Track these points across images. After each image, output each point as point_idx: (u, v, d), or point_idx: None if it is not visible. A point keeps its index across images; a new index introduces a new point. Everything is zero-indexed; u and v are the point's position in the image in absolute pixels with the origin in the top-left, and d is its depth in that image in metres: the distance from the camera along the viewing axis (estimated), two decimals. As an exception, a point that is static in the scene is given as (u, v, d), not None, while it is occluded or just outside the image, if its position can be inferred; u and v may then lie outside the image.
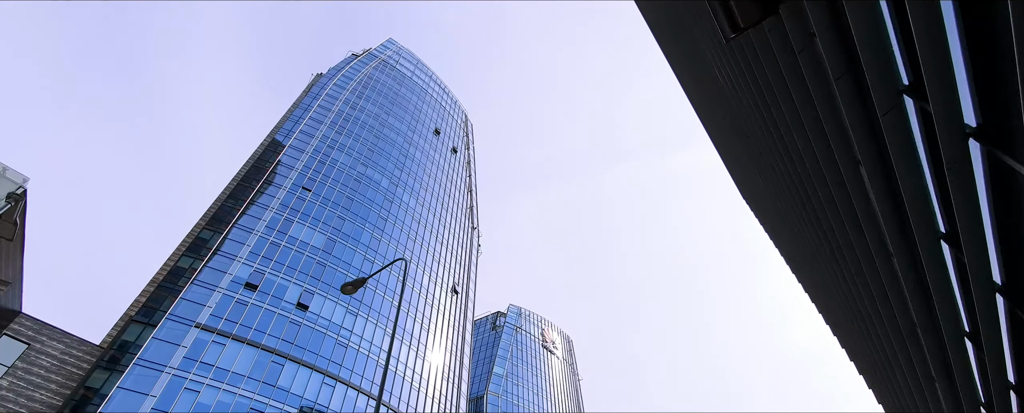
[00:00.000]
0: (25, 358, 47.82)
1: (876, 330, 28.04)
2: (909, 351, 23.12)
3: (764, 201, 40.25)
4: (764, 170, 34.60)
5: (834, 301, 35.70)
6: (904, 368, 25.57)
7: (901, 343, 24.71)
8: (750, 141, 33.93)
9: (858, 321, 30.80)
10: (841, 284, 30.36)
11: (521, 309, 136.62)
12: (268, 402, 44.02)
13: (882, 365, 30.71)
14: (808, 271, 39.36)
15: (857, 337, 34.25)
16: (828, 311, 40.36)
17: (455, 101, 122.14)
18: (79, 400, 42.01)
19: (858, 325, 31.49)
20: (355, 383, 52.13)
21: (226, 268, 50.83)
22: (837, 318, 37.62)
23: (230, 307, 48.13)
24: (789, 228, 36.88)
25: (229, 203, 60.09)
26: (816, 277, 37.05)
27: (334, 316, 54.89)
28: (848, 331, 36.52)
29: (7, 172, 38.40)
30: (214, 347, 44.58)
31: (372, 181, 75.03)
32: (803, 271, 40.95)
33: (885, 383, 32.79)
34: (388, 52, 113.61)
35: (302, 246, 58.08)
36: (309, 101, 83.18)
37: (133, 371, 40.58)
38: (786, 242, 41.21)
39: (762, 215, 45.40)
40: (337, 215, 65.07)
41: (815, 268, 35.65)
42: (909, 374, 25.23)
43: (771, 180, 33.71)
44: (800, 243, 36.10)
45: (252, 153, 70.69)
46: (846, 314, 33.52)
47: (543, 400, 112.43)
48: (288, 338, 49.41)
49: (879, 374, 33.35)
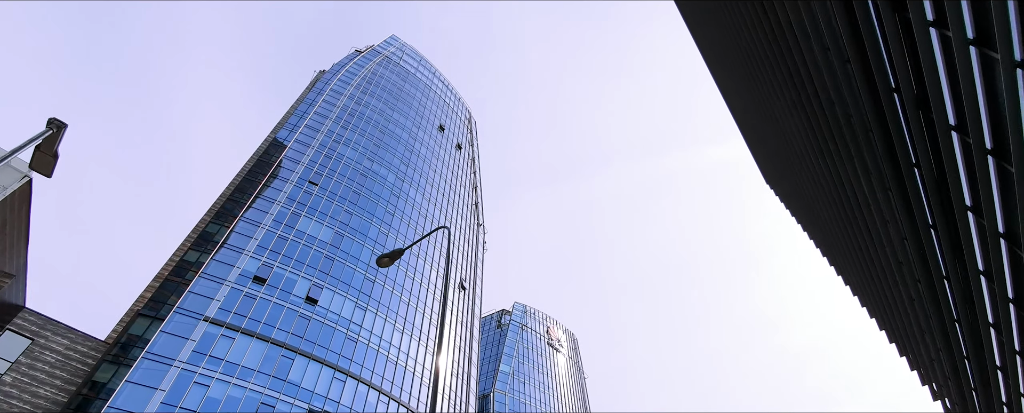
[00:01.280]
0: (29, 353, 46.86)
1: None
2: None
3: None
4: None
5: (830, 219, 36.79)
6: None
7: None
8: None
9: (851, 228, 31.83)
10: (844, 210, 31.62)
11: (526, 307, 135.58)
12: (279, 397, 43.06)
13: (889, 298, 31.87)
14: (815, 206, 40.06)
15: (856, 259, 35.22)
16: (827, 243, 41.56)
17: (458, 98, 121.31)
18: (85, 395, 41.03)
19: (852, 233, 32.36)
20: (366, 378, 51.20)
21: (234, 262, 49.88)
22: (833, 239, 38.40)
23: (239, 301, 47.18)
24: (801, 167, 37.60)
25: (235, 197, 59.17)
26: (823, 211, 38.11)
27: (343, 310, 53.95)
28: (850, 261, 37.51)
29: (12, 161, 37.48)
30: (223, 341, 43.62)
31: (378, 176, 74.14)
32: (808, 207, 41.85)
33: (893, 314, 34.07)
34: (391, 49, 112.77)
35: (310, 240, 57.16)
36: (313, 96, 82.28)
37: (141, 364, 39.61)
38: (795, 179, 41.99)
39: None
40: (344, 209, 64.17)
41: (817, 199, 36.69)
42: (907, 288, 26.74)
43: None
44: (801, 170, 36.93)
45: (256, 148, 69.79)
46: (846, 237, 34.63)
47: (550, 398, 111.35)
48: (297, 332, 48.45)
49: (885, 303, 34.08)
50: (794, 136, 34.83)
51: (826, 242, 41.88)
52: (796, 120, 32.23)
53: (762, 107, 39.15)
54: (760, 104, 39.35)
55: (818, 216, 39.67)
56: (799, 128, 32.51)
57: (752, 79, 37.83)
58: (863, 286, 37.43)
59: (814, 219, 41.72)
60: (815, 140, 30.48)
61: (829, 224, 37.10)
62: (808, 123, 30.39)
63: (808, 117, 29.90)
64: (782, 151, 40.92)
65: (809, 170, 35.30)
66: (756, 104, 41.35)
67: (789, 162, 40.31)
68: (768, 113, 38.80)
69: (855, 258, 35.07)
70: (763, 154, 48.17)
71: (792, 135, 35.49)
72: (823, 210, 36.98)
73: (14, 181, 36.36)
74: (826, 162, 30.45)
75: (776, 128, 38.76)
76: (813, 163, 33.42)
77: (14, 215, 38.48)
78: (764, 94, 36.64)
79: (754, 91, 39.25)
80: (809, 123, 30.38)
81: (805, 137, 32.34)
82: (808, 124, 30.43)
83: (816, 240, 45.57)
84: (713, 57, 46.10)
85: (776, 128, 38.76)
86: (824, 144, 28.86)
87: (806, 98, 28.44)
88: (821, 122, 27.32)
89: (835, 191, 31.68)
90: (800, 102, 29.87)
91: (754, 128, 46.63)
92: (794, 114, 32.05)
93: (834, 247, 40.02)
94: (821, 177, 33.11)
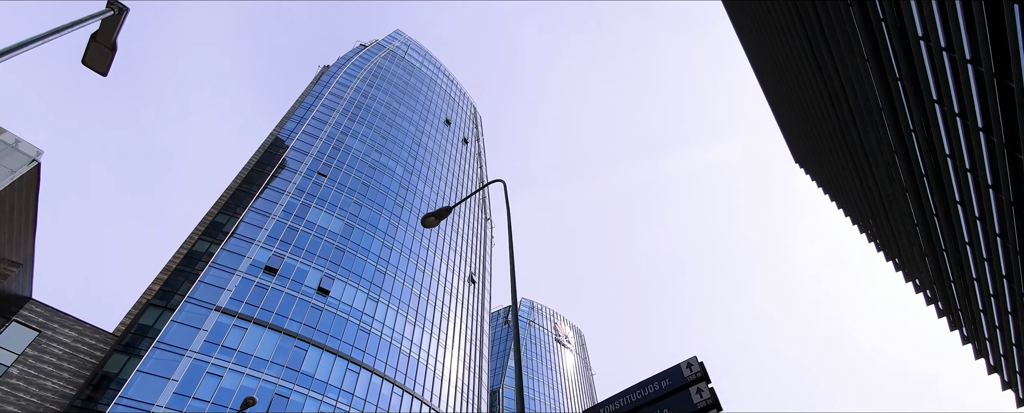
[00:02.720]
0: (36, 346, 45.84)
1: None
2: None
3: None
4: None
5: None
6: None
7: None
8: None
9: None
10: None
11: (533, 302, 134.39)
12: (293, 387, 42.02)
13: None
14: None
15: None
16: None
17: (463, 93, 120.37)
18: (96, 385, 40.01)
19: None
20: (379, 369, 50.16)
21: (244, 252, 48.86)
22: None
23: (250, 291, 46.15)
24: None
25: (244, 188, 58.17)
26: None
27: (355, 302, 52.93)
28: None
29: (20, 145, 36.49)
30: (236, 331, 42.58)
31: (387, 168, 73.16)
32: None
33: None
34: (396, 43, 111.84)
35: (320, 231, 56.15)
36: (320, 89, 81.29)
37: (153, 354, 38.56)
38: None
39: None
40: (354, 201, 63.17)
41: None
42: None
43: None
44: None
45: (263, 141, 68.82)
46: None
47: (558, 394, 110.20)
48: (310, 323, 47.43)
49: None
50: (817, 107, 36.11)
51: (848, 201, 43.37)
52: (819, 94, 33.02)
53: (791, 90, 40.33)
54: (790, 87, 40.47)
55: (842, 179, 41.15)
56: (819, 96, 33.32)
57: (784, 68, 39.08)
58: (886, 240, 38.61)
59: (838, 183, 43.19)
60: (834, 109, 31.29)
61: (850, 181, 38.67)
62: (826, 90, 31.32)
63: (826, 85, 30.82)
64: (807, 126, 42.21)
65: (829, 132, 36.72)
66: (787, 89, 42.35)
67: (814, 135, 41.57)
68: (797, 95, 39.99)
69: (870, 207, 36.65)
70: (793, 133, 49.69)
71: (816, 107, 36.53)
72: (846, 172, 38.52)
73: (22, 165, 35.33)
74: (838, 114, 31.88)
75: (803, 104, 39.80)
76: (831, 123, 34.73)
77: (22, 200, 37.45)
78: (793, 78, 37.71)
79: (786, 79, 40.38)
80: (827, 89, 31.35)
81: (827, 106, 33.34)
82: (826, 91, 31.41)
83: (838, 200, 46.89)
84: (755, 53, 47.81)
85: (803, 104, 39.80)
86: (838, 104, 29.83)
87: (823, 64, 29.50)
88: (837, 87, 28.29)
89: (845, 142, 32.92)
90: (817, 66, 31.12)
91: (785, 110, 47.94)
92: (815, 82, 32.94)
93: (854, 204, 41.47)
94: (834, 133, 34.81)
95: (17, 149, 35.42)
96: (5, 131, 35.38)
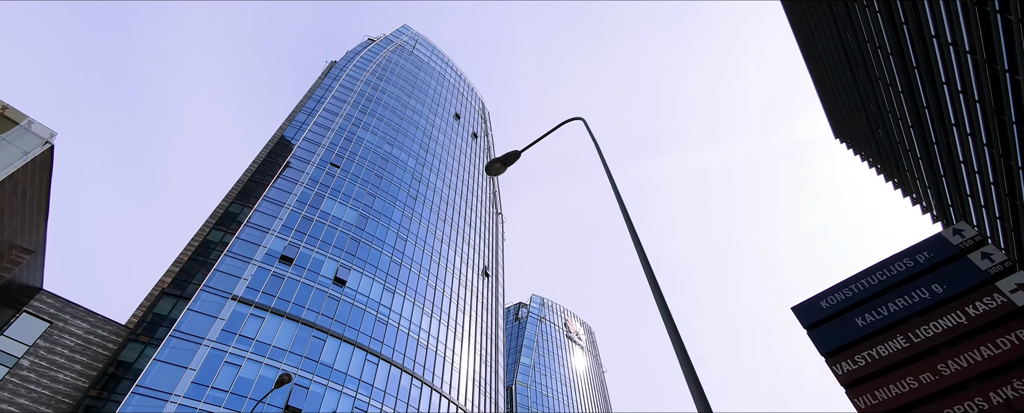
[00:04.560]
0: (48, 337, 44.74)
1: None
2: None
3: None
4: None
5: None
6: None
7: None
8: None
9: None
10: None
11: (544, 299, 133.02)
12: (312, 378, 40.82)
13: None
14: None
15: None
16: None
17: (471, 88, 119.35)
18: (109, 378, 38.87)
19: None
20: (398, 361, 48.96)
21: (259, 241, 47.73)
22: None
23: (267, 280, 44.99)
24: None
25: (256, 178, 57.09)
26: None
27: (372, 292, 51.76)
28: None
29: (33, 126, 35.39)
30: (253, 320, 41.40)
31: (399, 160, 72.08)
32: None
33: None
34: (404, 38, 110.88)
35: (335, 221, 55.02)
36: (329, 82, 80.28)
37: (169, 343, 37.40)
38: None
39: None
40: (367, 192, 62.07)
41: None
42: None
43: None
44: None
45: (274, 132, 67.80)
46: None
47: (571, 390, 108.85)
48: (327, 313, 46.25)
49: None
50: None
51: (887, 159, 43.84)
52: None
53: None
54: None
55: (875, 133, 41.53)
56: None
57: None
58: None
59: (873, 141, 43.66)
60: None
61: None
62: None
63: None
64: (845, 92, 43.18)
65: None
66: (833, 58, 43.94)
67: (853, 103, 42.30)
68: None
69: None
70: (834, 109, 50.44)
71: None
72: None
73: (36, 146, 34.21)
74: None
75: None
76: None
77: (34, 184, 36.30)
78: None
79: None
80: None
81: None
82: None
83: (877, 165, 47.17)
84: (806, 43, 48.63)
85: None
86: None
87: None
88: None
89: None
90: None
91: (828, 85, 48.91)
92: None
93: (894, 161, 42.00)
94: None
95: (30, 130, 34.31)
96: (18, 112, 34.24)
